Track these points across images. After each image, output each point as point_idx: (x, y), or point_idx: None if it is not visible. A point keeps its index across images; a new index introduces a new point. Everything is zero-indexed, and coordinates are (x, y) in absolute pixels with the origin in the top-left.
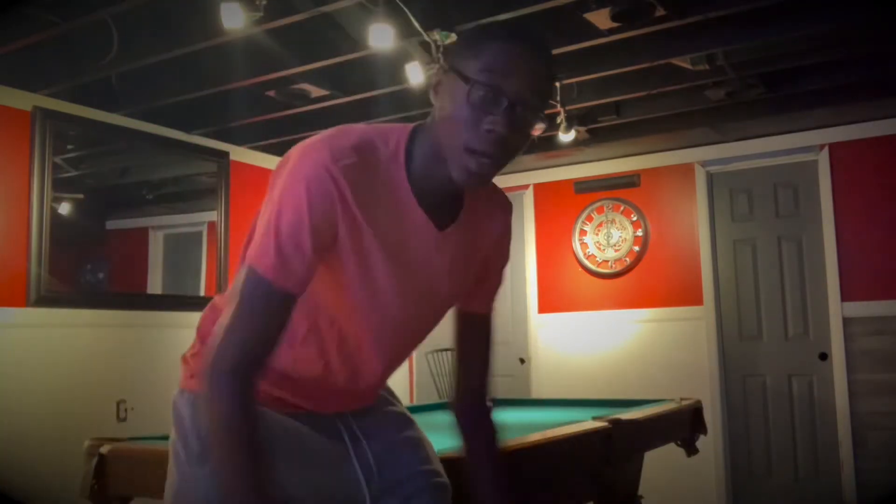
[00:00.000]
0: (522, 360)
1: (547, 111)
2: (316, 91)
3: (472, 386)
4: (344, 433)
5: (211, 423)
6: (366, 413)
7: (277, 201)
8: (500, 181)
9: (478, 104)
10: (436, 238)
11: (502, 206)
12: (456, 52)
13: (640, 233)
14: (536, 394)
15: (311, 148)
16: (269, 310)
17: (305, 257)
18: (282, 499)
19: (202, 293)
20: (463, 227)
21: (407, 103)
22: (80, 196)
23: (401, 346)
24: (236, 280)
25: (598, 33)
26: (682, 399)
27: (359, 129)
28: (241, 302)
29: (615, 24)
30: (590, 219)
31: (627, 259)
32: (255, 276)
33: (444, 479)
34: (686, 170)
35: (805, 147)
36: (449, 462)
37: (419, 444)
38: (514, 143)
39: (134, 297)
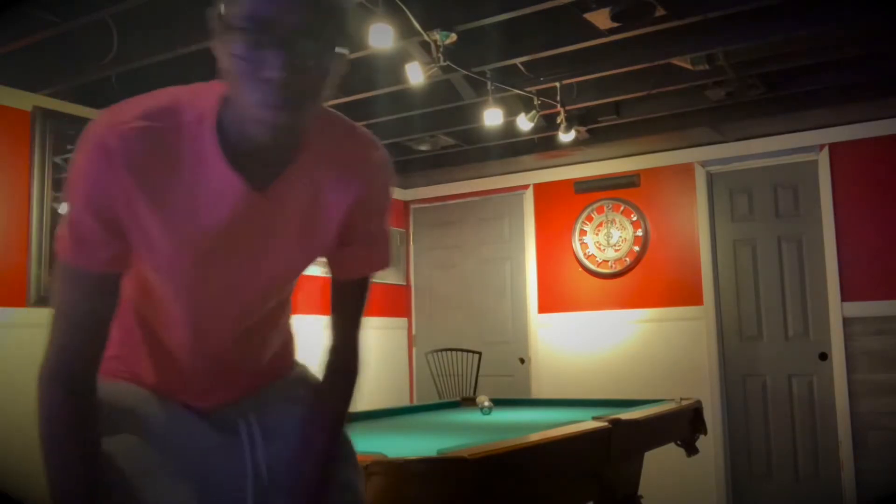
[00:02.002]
0: (522, 360)
1: (340, 37)
2: None
3: (339, 345)
4: (242, 430)
5: (39, 429)
6: (274, 414)
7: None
8: (501, 182)
9: (246, 54)
10: (252, 201)
11: (362, 150)
12: None
13: (640, 233)
14: (536, 394)
15: (95, 119)
16: (83, 297)
17: (96, 233)
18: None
19: None
20: (296, 183)
21: (407, 103)
22: None
23: (236, 319)
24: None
25: (598, 33)
26: (682, 399)
27: (164, 91)
28: (58, 297)
29: (615, 24)
30: (590, 219)
31: (627, 259)
32: (60, 267)
33: (358, 495)
34: (686, 170)
35: (805, 147)
36: (449, 461)
37: None
38: (308, 83)
39: None
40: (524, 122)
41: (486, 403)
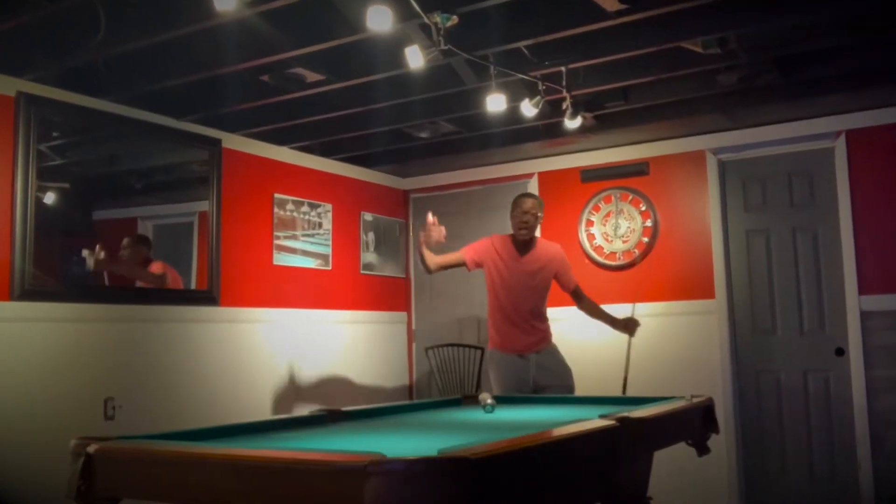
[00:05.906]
0: None
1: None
2: (311, 76)
3: (578, 299)
4: (531, 361)
5: None
6: (542, 359)
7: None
8: (505, 170)
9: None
10: (518, 260)
11: (553, 249)
12: None
13: (649, 223)
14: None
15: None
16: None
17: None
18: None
19: (193, 286)
20: (533, 256)
21: (406, 88)
22: (66, 185)
23: (528, 303)
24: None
25: (606, 16)
26: (693, 396)
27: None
28: None
29: (623, 6)
30: (597, 208)
31: (636, 251)
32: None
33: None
34: (697, 157)
35: (821, 134)
36: (450, 461)
37: (560, 375)
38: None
39: (122, 291)
40: (528, 108)
41: (489, 401)
